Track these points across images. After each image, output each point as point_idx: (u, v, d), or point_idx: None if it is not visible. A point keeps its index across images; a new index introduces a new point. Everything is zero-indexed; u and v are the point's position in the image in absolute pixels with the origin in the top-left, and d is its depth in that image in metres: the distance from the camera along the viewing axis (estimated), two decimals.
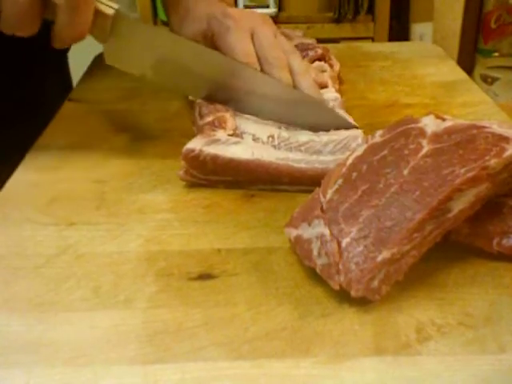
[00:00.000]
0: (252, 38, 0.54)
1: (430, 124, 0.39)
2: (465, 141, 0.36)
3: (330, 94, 0.54)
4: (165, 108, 0.60)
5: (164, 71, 0.50)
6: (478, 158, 0.35)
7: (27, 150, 0.52)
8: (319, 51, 0.63)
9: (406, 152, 0.38)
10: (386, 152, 0.38)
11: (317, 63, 0.60)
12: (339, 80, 0.62)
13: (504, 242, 0.36)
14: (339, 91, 0.57)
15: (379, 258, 0.32)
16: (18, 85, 0.69)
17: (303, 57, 0.59)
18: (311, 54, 0.62)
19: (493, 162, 0.34)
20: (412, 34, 1.70)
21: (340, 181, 0.38)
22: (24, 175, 0.49)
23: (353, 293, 0.32)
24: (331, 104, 0.52)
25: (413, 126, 0.39)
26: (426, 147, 0.37)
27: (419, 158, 0.37)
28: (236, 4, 1.61)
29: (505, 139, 0.35)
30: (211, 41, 0.56)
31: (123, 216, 0.43)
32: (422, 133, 0.38)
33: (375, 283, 0.33)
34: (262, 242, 0.39)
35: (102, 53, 0.76)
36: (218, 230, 0.41)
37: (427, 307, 0.33)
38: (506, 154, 0.34)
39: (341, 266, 0.33)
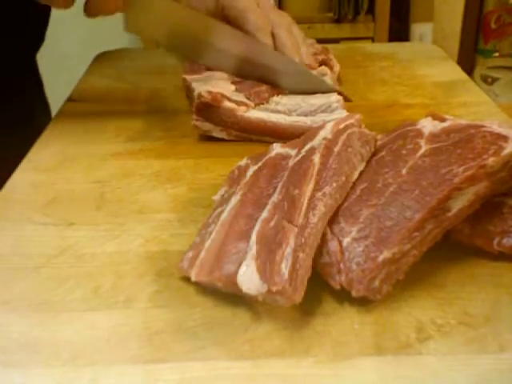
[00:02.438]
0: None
1: (427, 125, 0.39)
2: (463, 140, 0.36)
3: (333, 97, 0.54)
4: (165, 108, 0.60)
5: (176, 40, 0.55)
6: (476, 156, 0.35)
7: (27, 151, 0.52)
8: (320, 53, 0.62)
9: (404, 152, 0.38)
10: (383, 153, 0.39)
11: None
12: (339, 81, 0.62)
13: (504, 241, 0.36)
14: None
15: (380, 258, 0.32)
16: (19, 86, 0.70)
17: None
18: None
19: (491, 160, 0.34)
20: (412, 34, 1.70)
21: None
22: (24, 175, 0.49)
23: (354, 293, 0.32)
24: (334, 105, 0.52)
25: (410, 128, 0.39)
26: (424, 147, 0.37)
27: (417, 157, 0.37)
28: None
29: (503, 138, 0.35)
30: (222, 15, 0.58)
31: (123, 216, 0.43)
32: (419, 134, 0.38)
33: (376, 283, 0.32)
34: None
35: (102, 53, 0.76)
36: None
37: (427, 307, 0.33)
38: (505, 152, 0.34)
39: (342, 266, 0.33)
